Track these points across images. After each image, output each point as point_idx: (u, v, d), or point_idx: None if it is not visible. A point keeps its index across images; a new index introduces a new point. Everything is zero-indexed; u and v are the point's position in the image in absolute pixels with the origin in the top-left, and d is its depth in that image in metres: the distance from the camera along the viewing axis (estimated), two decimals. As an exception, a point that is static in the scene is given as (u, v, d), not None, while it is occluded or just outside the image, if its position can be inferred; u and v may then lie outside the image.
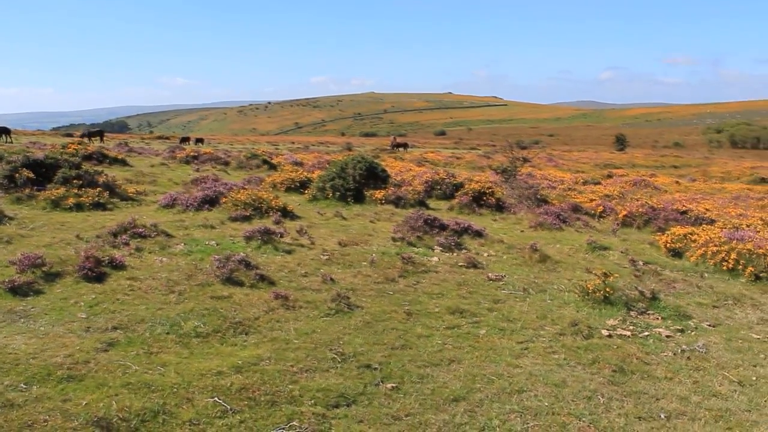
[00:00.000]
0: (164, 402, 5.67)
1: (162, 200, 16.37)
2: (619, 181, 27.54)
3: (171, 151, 35.08)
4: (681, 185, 29.07)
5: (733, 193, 24.73)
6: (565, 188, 22.10)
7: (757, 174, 35.30)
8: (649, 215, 15.86)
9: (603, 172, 35.02)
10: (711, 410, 6.18)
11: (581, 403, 6.15)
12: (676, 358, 7.51)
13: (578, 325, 8.21)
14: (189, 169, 27.45)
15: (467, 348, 7.44)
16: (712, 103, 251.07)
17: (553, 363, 7.12)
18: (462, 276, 10.62)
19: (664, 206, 16.60)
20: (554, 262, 11.65)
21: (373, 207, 17.56)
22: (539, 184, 21.72)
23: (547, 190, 20.75)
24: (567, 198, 19.47)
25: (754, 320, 9.20)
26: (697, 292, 10.40)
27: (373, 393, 6.15)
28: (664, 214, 15.75)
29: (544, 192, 19.98)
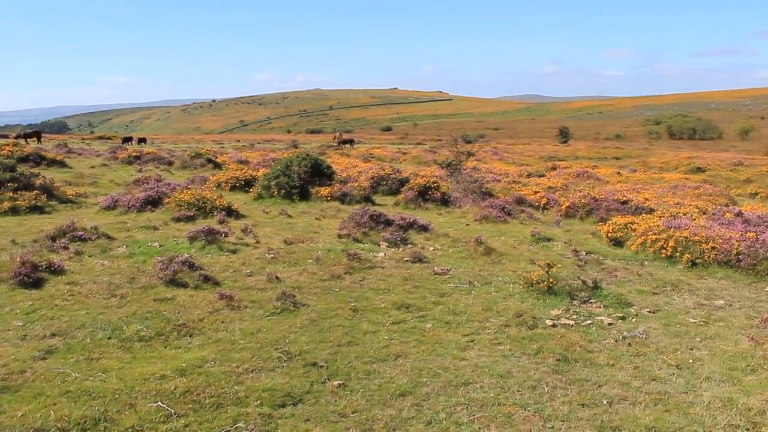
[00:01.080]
0: (105, 409, 5.54)
1: (103, 202, 16.02)
2: (563, 173, 28.01)
3: (112, 152, 34.33)
4: (622, 176, 29.70)
5: (672, 183, 25.37)
6: (509, 181, 22.37)
7: (693, 164, 36.31)
8: (591, 206, 16.17)
9: (547, 165, 35.56)
10: (650, 394, 6.34)
11: (526, 393, 6.24)
12: (618, 345, 7.68)
13: (523, 316, 8.32)
14: (131, 170, 26.93)
15: (413, 342, 7.47)
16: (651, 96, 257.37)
17: (499, 354, 7.20)
18: (408, 271, 10.66)
19: (606, 197, 16.94)
20: (499, 255, 11.78)
21: (318, 204, 17.50)
22: (484, 177, 21.94)
23: (492, 184, 20.97)
24: (511, 191, 19.71)
25: (691, 305, 9.47)
26: (637, 280, 10.65)
27: (319, 391, 6.13)
28: (605, 205, 16.08)
29: (489, 185, 20.19)
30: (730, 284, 10.75)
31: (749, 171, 33.62)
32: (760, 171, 33.27)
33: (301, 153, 21.09)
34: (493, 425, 5.61)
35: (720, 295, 10.06)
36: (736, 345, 7.75)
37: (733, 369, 7.06)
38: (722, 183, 28.59)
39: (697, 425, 5.73)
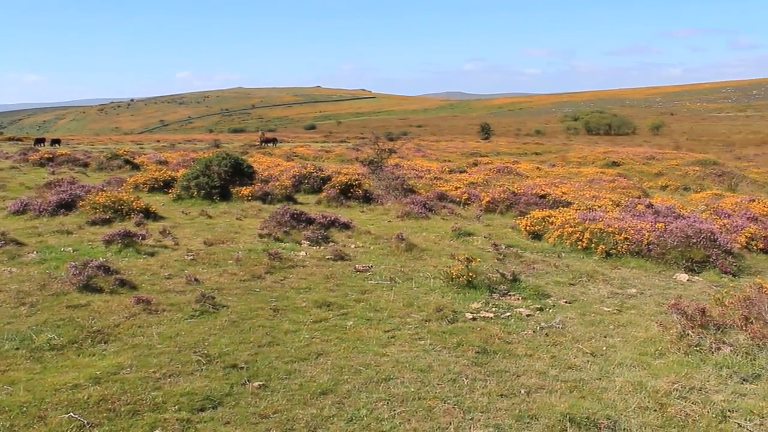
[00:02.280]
0: (12, 423, 5.32)
1: (11, 206, 15.35)
2: (484, 169, 28.46)
3: (23, 154, 32.96)
4: (542, 171, 30.38)
5: (589, 177, 26.13)
6: (432, 177, 22.58)
7: (609, 158, 37.48)
8: (511, 200, 16.50)
9: (469, 161, 36.08)
10: (567, 382, 6.52)
11: (446, 386, 6.32)
12: (536, 336, 7.87)
13: (443, 310, 8.43)
14: (43, 172, 25.92)
15: (335, 340, 7.46)
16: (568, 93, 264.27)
17: (420, 349, 7.27)
18: (329, 269, 10.64)
19: (525, 191, 17.32)
20: (420, 250, 11.89)
21: (239, 204, 17.27)
22: (406, 174, 22.09)
23: (414, 180, 21.12)
24: (434, 187, 19.90)
25: (605, 294, 9.80)
26: (555, 272, 10.93)
27: (239, 393, 6.05)
28: (524, 199, 16.43)
29: (411, 182, 20.34)
30: (642, 273, 11.16)
31: (660, 164, 34.96)
32: (670, 164, 34.65)
33: (221, 152, 20.77)
34: (414, 419, 5.65)
35: (632, 284, 10.44)
36: (646, 331, 8.05)
37: (644, 354, 7.34)
38: (636, 176, 29.65)
39: (609, 409, 5.93)
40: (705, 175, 30.65)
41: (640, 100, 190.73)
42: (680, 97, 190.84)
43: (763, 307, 7.43)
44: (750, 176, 30.58)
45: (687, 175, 30.66)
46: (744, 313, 7.61)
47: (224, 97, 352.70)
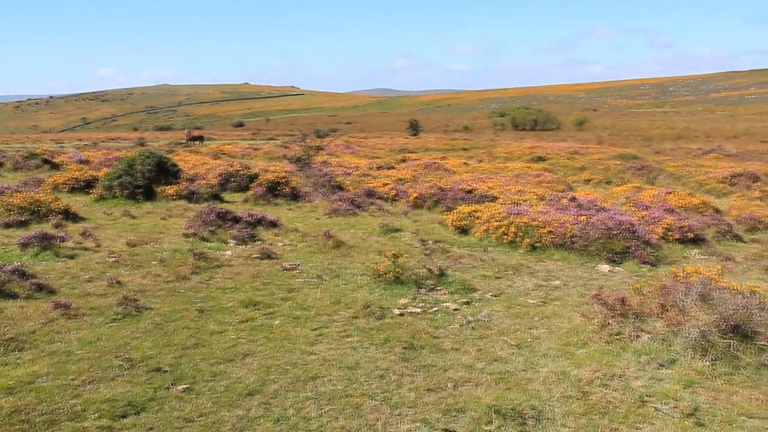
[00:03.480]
0: None
1: None
2: (412, 165, 28.62)
3: (-70, 154, 31.43)
4: (469, 166, 30.72)
5: (515, 172, 26.54)
6: (360, 174, 22.58)
7: (535, 153, 38.19)
8: (438, 196, 16.64)
9: (398, 157, 36.20)
10: (493, 374, 6.62)
11: (374, 383, 6.33)
12: (463, 329, 7.95)
13: (371, 306, 8.43)
14: (-48, 174, 24.80)
15: (262, 340, 7.38)
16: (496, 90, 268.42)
17: (347, 346, 7.25)
18: (256, 268, 10.52)
19: (452, 187, 17.50)
20: (348, 247, 11.88)
21: (164, 203, 16.90)
22: (335, 171, 22.04)
23: (342, 177, 21.08)
24: (362, 183, 19.91)
25: (530, 287, 9.98)
26: (481, 266, 11.08)
27: (163, 397, 5.91)
28: (451, 194, 16.60)
29: (339, 179, 20.30)
30: (566, 265, 11.42)
31: (584, 159, 35.82)
32: (593, 159, 35.53)
33: (145, 151, 20.27)
34: (341, 417, 5.64)
35: (557, 276, 10.67)
36: (569, 322, 8.24)
37: (567, 344, 7.51)
38: (560, 171, 30.26)
39: (534, 399, 6.05)
40: (626, 168, 31.52)
41: (564, 96, 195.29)
42: (603, 93, 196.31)
43: (678, 295, 7.71)
44: (667, 170, 31.63)
45: (609, 169, 31.47)
46: (660, 301, 7.87)
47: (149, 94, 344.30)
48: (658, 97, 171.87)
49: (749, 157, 42.00)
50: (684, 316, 7.50)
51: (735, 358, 7.04)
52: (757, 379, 6.71)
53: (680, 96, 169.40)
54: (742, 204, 20.90)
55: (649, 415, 5.88)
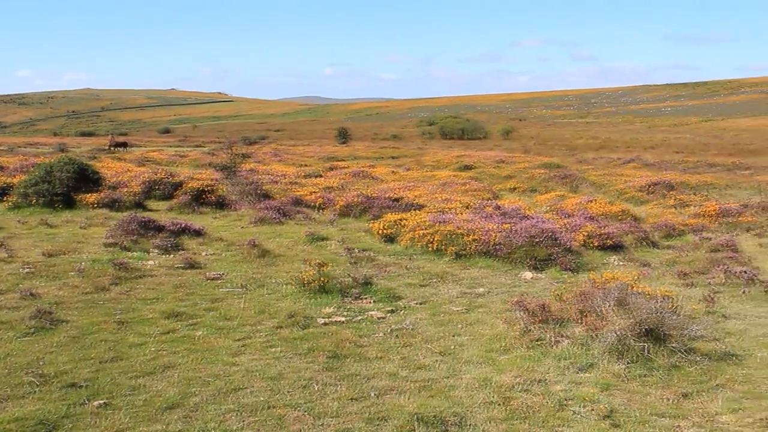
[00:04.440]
0: None
1: None
2: (341, 173, 28.61)
3: None
4: (397, 174, 30.92)
5: (442, 180, 26.84)
6: (287, 182, 22.43)
7: (462, 162, 38.72)
8: (365, 204, 16.68)
9: (326, 165, 36.14)
10: (416, 382, 6.66)
11: (297, 393, 6.28)
12: (387, 338, 7.98)
13: (295, 316, 8.37)
14: None
15: (183, 352, 7.22)
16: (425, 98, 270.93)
17: (271, 357, 7.18)
18: (180, 278, 10.31)
19: (379, 195, 17.57)
20: (274, 256, 11.77)
21: (85, 212, 16.38)
22: (262, 179, 21.82)
23: (269, 185, 20.90)
24: (289, 192, 19.78)
25: (455, 294, 10.10)
26: (407, 274, 11.14)
27: (78, 414, 5.71)
28: (378, 203, 16.66)
29: (266, 187, 20.11)
30: (490, 272, 11.60)
31: (510, 168, 36.53)
32: (519, 167, 36.27)
33: (64, 157, 19.65)
34: (264, 429, 5.58)
35: (481, 283, 10.82)
36: (493, 328, 8.37)
37: (490, 351, 7.62)
38: (487, 179, 30.76)
39: (457, 406, 6.11)
40: (550, 177, 32.28)
41: (492, 105, 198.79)
42: (529, 103, 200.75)
43: (596, 301, 7.92)
44: (590, 178, 32.55)
45: (534, 177, 32.17)
46: (580, 307, 8.08)
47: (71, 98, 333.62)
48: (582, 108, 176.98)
49: (665, 166, 43.63)
50: (602, 321, 7.71)
51: (649, 360, 7.28)
52: (668, 380, 6.97)
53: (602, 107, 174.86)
54: (659, 212, 21.70)
55: (568, 419, 6.02)
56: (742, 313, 9.95)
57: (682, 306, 8.71)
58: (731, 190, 32.69)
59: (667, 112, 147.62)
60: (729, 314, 9.77)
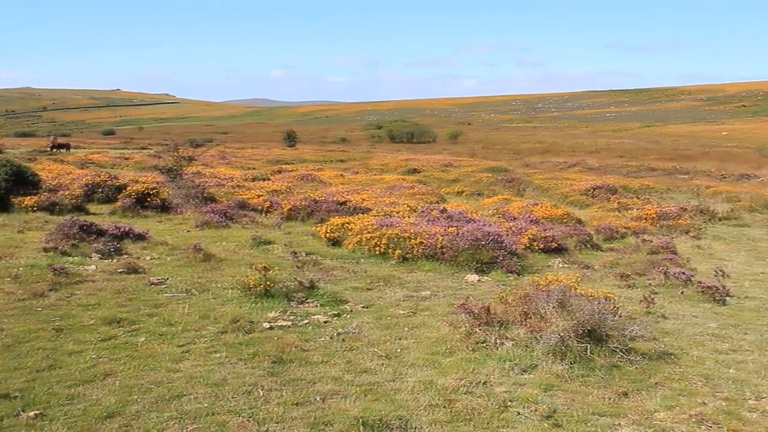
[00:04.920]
0: None
1: None
2: (288, 177, 28.46)
3: None
4: (345, 178, 30.91)
5: (389, 183, 26.94)
6: (233, 185, 22.20)
7: (409, 165, 38.96)
8: (311, 208, 16.62)
9: (273, 168, 35.92)
10: (361, 386, 6.65)
11: (241, 399, 6.20)
12: (332, 342, 7.95)
13: (240, 321, 8.28)
14: None
15: (124, 359, 7.07)
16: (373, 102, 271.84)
17: (214, 362, 7.08)
18: (121, 283, 10.09)
19: (326, 198, 17.53)
20: (218, 261, 11.62)
21: (22, 215, 15.90)
22: (207, 182, 21.56)
23: (215, 188, 20.66)
24: (235, 195, 19.58)
25: (401, 297, 10.13)
26: (352, 277, 11.13)
27: (11, 426, 5.52)
28: (325, 206, 16.62)
29: (212, 190, 19.87)
30: (436, 275, 11.68)
31: (456, 171, 36.88)
32: (465, 171, 36.65)
33: (0, 159, 19.05)
34: (205, 436, 5.50)
35: (426, 287, 10.88)
36: (437, 331, 8.42)
37: (435, 353, 7.66)
38: (434, 183, 30.99)
39: (401, 410, 6.12)
40: (496, 181, 32.71)
41: (440, 110, 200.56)
42: (476, 108, 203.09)
43: (539, 303, 8.04)
44: (535, 182, 33.08)
45: (480, 181, 32.55)
46: (523, 309, 8.19)
47: (9, 97, 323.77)
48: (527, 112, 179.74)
49: (608, 170, 44.66)
50: (544, 322, 7.83)
51: (590, 360, 7.43)
52: (608, 379, 7.13)
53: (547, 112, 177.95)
54: (601, 215, 22.17)
55: (511, 420, 6.10)
56: (679, 313, 10.24)
57: (622, 307, 8.91)
58: (670, 193, 33.68)
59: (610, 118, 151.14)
60: (666, 314, 10.04)
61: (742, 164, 51.89)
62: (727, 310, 10.75)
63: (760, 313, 10.72)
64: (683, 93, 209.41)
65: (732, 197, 30.00)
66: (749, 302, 11.45)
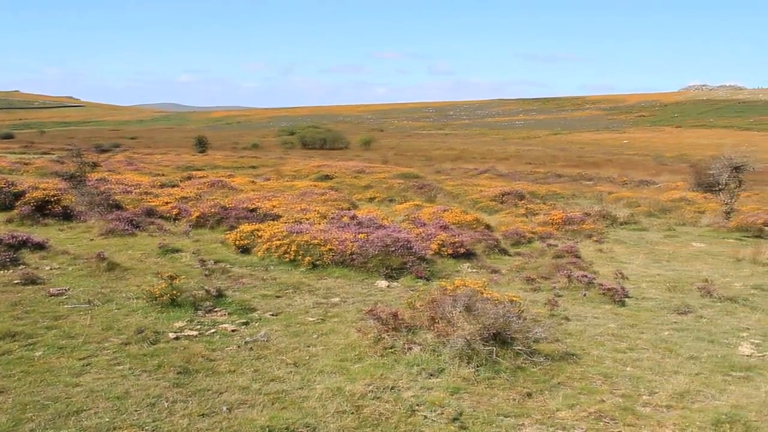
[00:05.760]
0: None
1: None
2: (198, 183, 27.92)
3: None
4: (256, 184, 30.56)
5: (301, 190, 26.79)
6: (141, 192, 21.60)
7: (322, 171, 38.89)
8: (221, 215, 16.37)
9: (183, 174, 35.14)
10: (269, 394, 6.60)
11: (144, 412, 6.05)
12: (240, 351, 7.86)
13: (144, 331, 8.08)
14: None
15: (19, 375, 6.76)
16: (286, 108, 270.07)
17: (117, 375, 6.87)
18: (18, 295, 9.63)
19: (236, 205, 17.30)
20: (124, 270, 11.28)
21: None
22: (113, 189, 20.89)
23: (121, 195, 20.05)
24: (142, 202, 19.06)
25: (310, 304, 10.10)
26: (262, 285, 11.03)
27: None
28: (235, 213, 16.40)
29: (118, 197, 19.28)
30: (346, 282, 11.70)
31: (369, 177, 37.07)
32: (378, 178, 36.89)
33: None
34: (106, 451, 5.34)
35: (336, 293, 10.89)
36: (346, 338, 8.45)
37: (344, 360, 7.69)
38: (346, 189, 31.05)
39: (309, 417, 6.12)
40: (408, 187, 33.06)
41: (353, 116, 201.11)
42: (389, 114, 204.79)
43: (446, 308, 8.19)
44: (446, 188, 33.63)
45: (392, 187, 32.81)
46: (431, 314, 8.32)
47: None
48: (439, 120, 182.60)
49: (517, 177, 45.91)
50: (452, 327, 7.98)
51: (496, 363, 7.63)
52: (513, 381, 7.33)
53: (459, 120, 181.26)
54: (510, 220, 22.76)
55: (419, 424, 6.19)
56: (581, 315, 10.62)
57: (527, 310, 9.20)
58: (576, 199, 34.91)
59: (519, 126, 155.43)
60: (570, 316, 10.40)
61: (642, 171, 54.37)
62: (625, 310, 11.23)
63: (655, 312, 11.25)
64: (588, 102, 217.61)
65: (632, 203, 31.41)
66: (646, 303, 11.99)
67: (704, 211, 28.97)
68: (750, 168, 28.59)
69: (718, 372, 8.24)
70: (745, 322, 11.04)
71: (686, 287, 13.45)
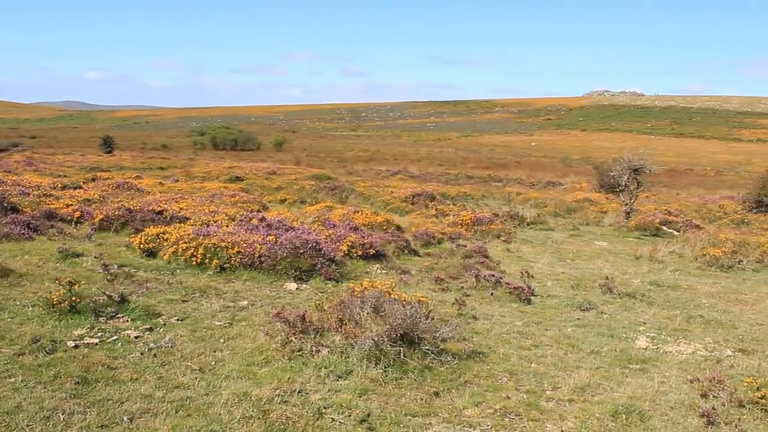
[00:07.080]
0: None
1: None
2: (103, 185, 26.93)
3: None
4: (165, 186, 29.78)
5: (211, 192, 26.27)
6: (40, 194, 20.63)
7: (233, 173, 38.27)
8: (126, 217, 15.86)
9: (88, 176, 33.87)
10: (173, 402, 6.45)
11: (38, 426, 5.79)
12: (144, 358, 7.63)
13: (41, 340, 7.73)
14: None
15: None
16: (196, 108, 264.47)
17: (9, 388, 6.52)
18: None
19: (141, 207, 16.79)
20: (19, 276, 10.74)
21: None
22: (9, 191, 19.89)
23: (18, 197, 19.10)
24: (42, 205, 18.22)
25: (218, 308, 9.91)
26: (168, 289, 10.74)
27: None
28: (140, 216, 15.93)
29: (15, 199, 18.36)
30: (254, 285, 11.55)
31: (281, 179, 36.74)
32: (290, 179, 36.62)
33: None
34: (-5, 467, 5.08)
35: (245, 296, 10.73)
36: (254, 341, 8.34)
37: (251, 364, 7.59)
38: (257, 191, 30.67)
39: (215, 424, 6.02)
40: (320, 188, 32.96)
41: (265, 117, 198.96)
42: (301, 116, 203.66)
43: (354, 309, 8.21)
44: (358, 189, 33.71)
45: (304, 189, 32.64)
46: (339, 315, 8.33)
47: None
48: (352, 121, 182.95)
49: (429, 178, 46.54)
50: (360, 328, 8.00)
51: (404, 363, 7.70)
52: (421, 381, 7.44)
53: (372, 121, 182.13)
54: (420, 221, 23.00)
55: (326, 426, 6.18)
56: (489, 314, 10.86)
57: (435, 310, 9.33)
58: (485, 200, 35.70)
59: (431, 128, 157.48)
60: (477, 315, 10.61)
61: (549, 173, 56.12)
62: (531, 308, 11.56)
63: (559, 310, 11.63)
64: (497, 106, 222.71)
65: (539, 203, 32.38)
66: (551, 300, 12.38)
67: (607, 211, 30.18)
68: (648, 170, 29.99)
69: (617, 365, 8.61)
70: (642, 316, 11.57)
71: (589, 285, 13.97)
